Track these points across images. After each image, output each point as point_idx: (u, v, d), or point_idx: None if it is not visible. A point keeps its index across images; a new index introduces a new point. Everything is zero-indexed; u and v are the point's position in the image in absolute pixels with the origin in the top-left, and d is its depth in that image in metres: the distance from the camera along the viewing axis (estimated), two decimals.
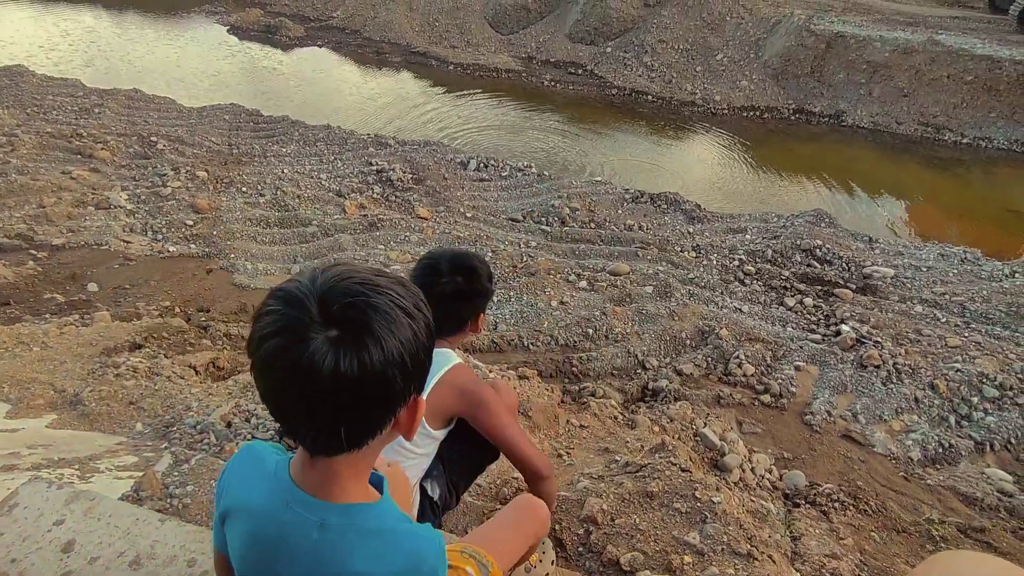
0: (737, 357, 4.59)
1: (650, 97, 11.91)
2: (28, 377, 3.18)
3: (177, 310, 4.81)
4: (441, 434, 1.62)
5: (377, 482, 0.88)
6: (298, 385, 0.69)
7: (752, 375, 4.45)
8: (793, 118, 11.44)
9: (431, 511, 1.73)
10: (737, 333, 4.91)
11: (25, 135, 7.57)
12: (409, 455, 1.57)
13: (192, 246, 5.86)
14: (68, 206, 6.21)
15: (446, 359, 1.59)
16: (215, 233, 6.02)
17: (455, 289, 1.57)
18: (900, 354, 4.67)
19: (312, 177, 7.44)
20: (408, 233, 6.37)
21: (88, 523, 1.41)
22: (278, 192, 6.89)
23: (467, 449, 1.77)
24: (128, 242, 5.80)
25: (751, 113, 11.51)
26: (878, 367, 4.53)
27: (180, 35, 14.22)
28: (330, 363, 0.67)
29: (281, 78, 12.25)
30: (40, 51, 12.25)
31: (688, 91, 11.94)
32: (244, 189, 7.02)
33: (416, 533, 0.83)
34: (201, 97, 10.66)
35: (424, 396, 1.53)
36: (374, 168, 7.66)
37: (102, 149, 7.52)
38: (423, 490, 1.70)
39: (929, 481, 3.69)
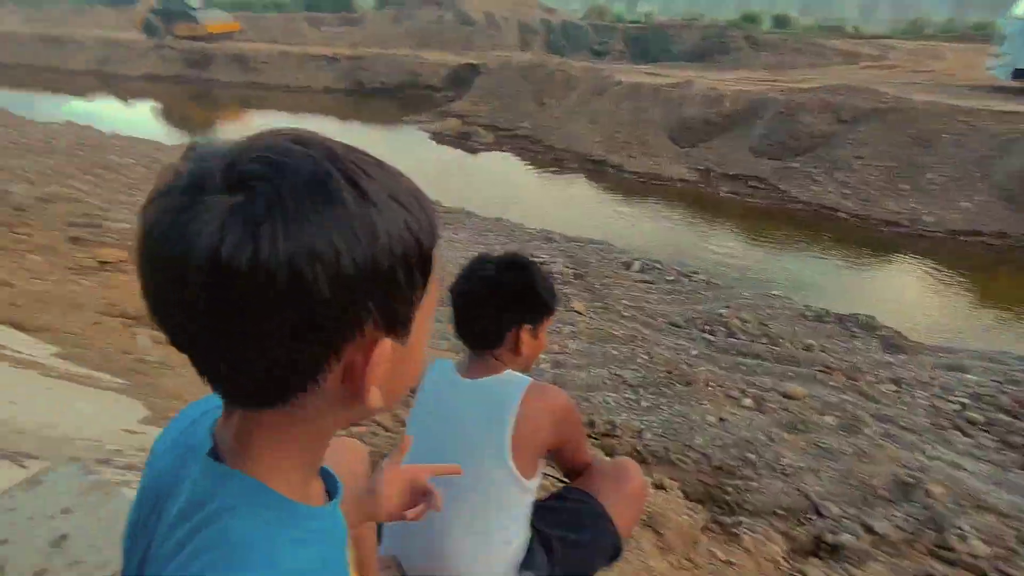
0: (958, 527, 3.49)
1: (841, 214, 10.87)
2: (177, 393, 3.39)
3: None
4: (536, 484, 1.25)
5: (332, 486, 0.58)
6: (172, 275, 0.42)
7: (985, 556, 3.32)
8: None
9: None
10: (958, 495, 3.79)
11: None
12: (496, 522, 1.21)
13: None
14: None
15: (515, 381, 1.28)
16: None
17: (496, 282, 1.40)
18: None
19: None
20: (561, 325, 6.16)
21: (89, 520, 1.26)
22: (444, 274, 7.21)
23: (588, 539, 1.37)
24: None
25: (973, 238, 9.90)
26: None
27: (390, 140, 16.49)
28: (210, 243, 0.40)
29: (464, 176, 13.44)
30: None
31: (891, 210, 10.71)
32: None
33: None
34: None
35: (506, 435, 1.20)
36: (537, 260, 7.75)
37: None
38: None
39: None
